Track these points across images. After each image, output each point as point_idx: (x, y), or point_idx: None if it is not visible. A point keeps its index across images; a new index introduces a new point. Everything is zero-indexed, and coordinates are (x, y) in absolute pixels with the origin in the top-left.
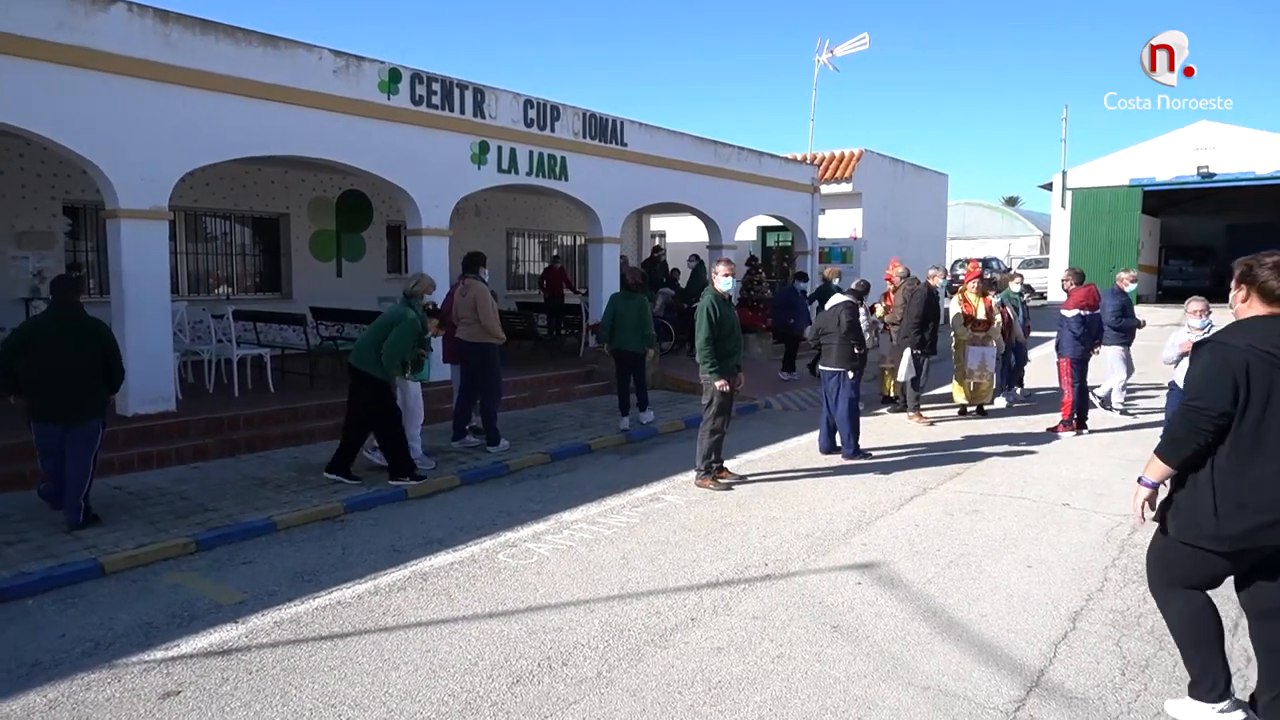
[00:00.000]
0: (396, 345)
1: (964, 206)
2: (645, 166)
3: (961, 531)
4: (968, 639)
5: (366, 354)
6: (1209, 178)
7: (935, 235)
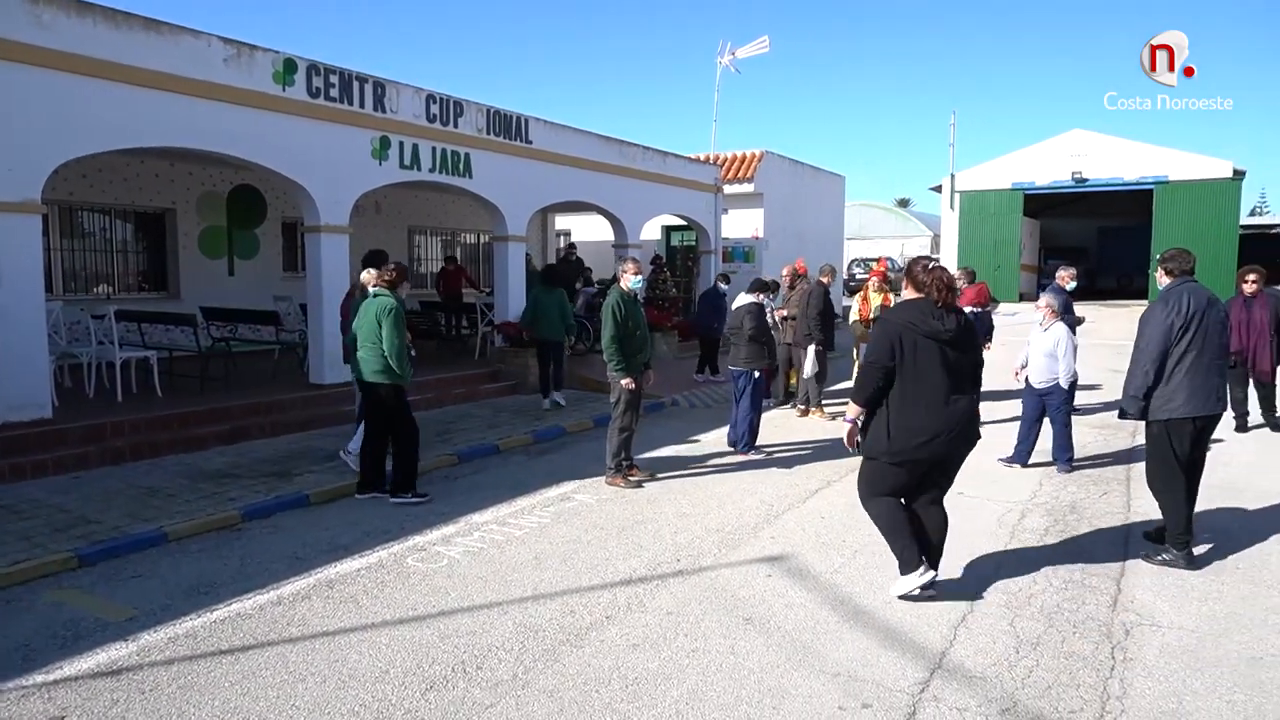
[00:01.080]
0: (394, 340)
1: (860, 207)
2: (551, 164)
3: (865, 522)
4: (874, 625)
5: (373, 363)
6: (1082, 183)
7: (833, 235)
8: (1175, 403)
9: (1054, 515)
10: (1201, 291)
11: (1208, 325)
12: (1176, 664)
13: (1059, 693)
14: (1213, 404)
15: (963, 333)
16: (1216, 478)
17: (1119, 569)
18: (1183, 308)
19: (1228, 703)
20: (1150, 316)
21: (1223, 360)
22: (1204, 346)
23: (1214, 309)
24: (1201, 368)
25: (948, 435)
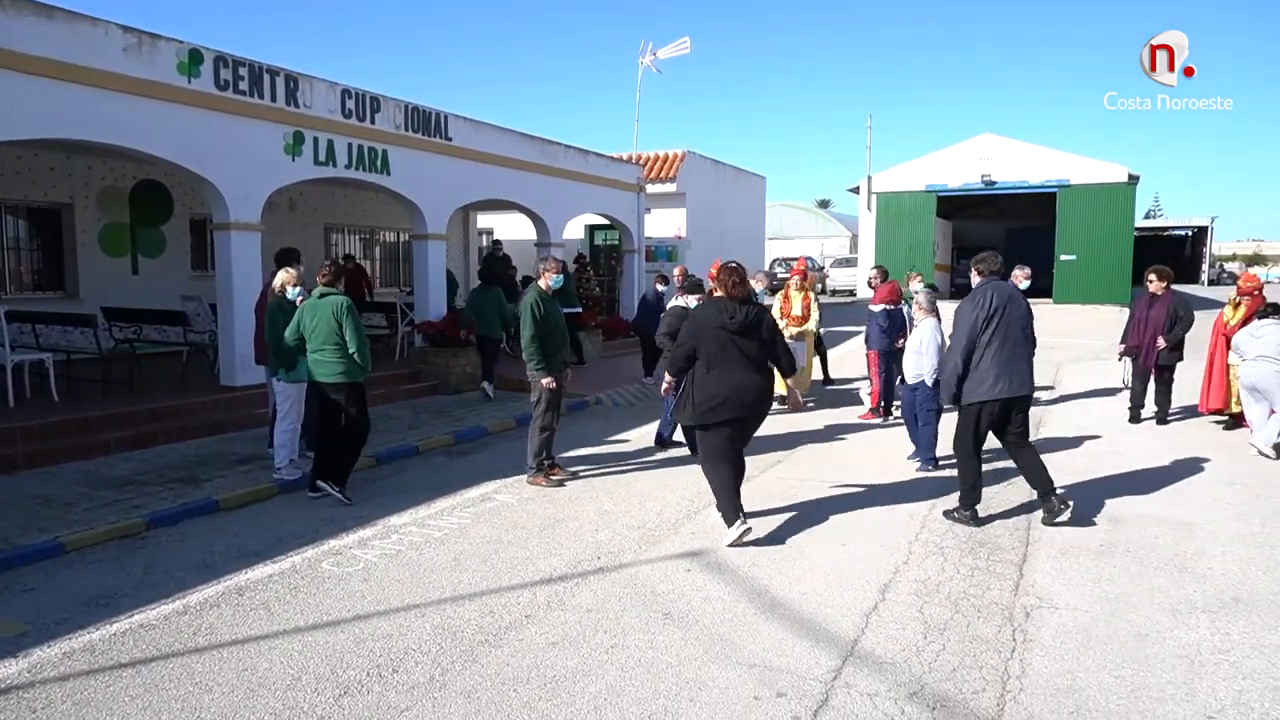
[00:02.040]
0: (360, 336)
1: (781, 208)
2: (471, 162)
3: (782, 515)
4: (790, 616)
5: (335, 365)
6: (991, 185)
7: (755, 235)
8: (984, 386)
9: None
10: (1005, 288)
11: (1010, 318)
12: (1071, 643)
13: (964, 674)
14: (1017, 386)
15: (748, 323)
16: (1109, 465)
17: (1021, 555)
18: (988, 303)
19: (1116, 677)
20: (960, 312)
21: (1026, 348)
22: (1007, 336)
23: (1014, 304)
24: (1005, 355)
25: (735, 402)
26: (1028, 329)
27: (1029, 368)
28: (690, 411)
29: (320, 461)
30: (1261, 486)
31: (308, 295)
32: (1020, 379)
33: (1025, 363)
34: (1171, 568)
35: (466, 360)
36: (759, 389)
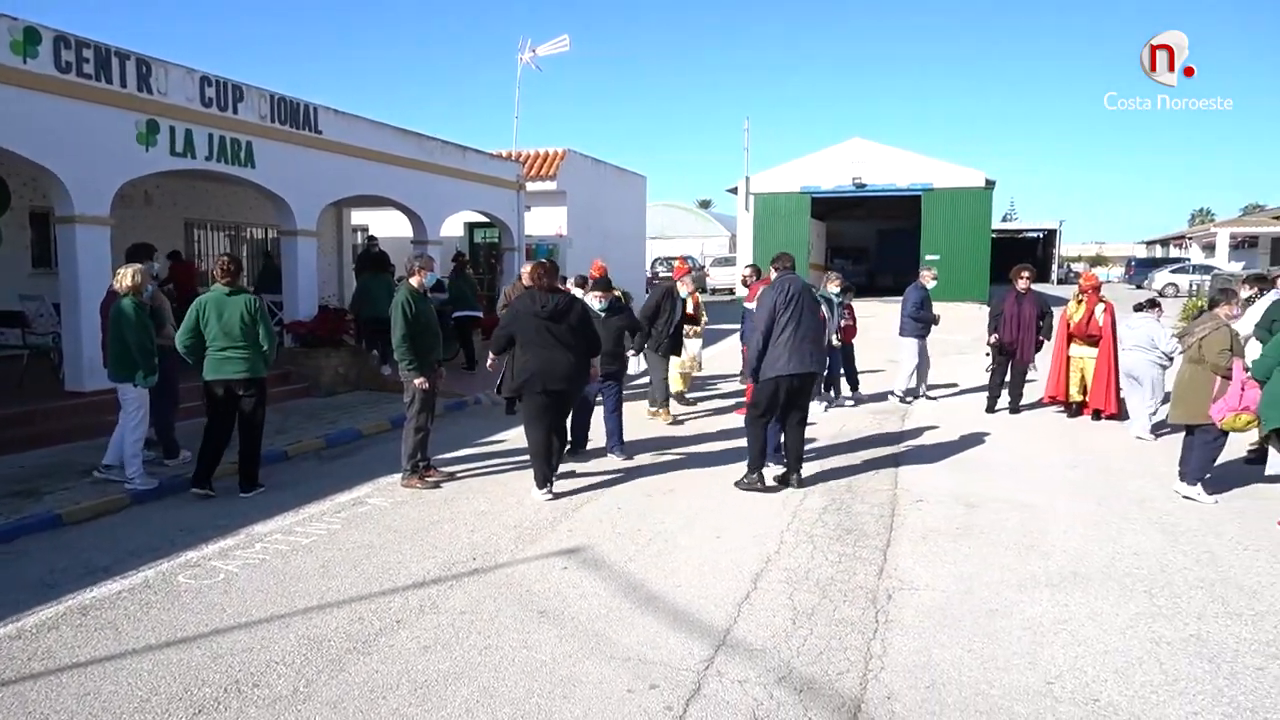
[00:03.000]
0: (271, 331)
1: (662, 207)
2: (343, 157)
3: (659, 510)
4: (665, 609)
5: (251, 361)
6: (862, 188)
7: (636, 234)
8: (780, 363)
9: (832, 495)
10: (798, 281)
11: (803, 306)
12: (929, 621)
13: (829, 657)
14: (807, 364)
15: (557, 310)
16: (968, 452)
17: (885, 540)
18: (785, 291)
19: (968, 651)
20: (762, 299)
21: (816, 332)
22: (800, 320)
23: (807, 294)
24: (798, 338)
25: (546, 376)
26: (818, 316)
27: (820, 350)
28: (509, 384)
29: (209, 462)
30: (1099, 470)
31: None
32: (811, 358)
33: (814, 344)
34: (1019, 547)
35: (339, 361)
36: (568, 366)
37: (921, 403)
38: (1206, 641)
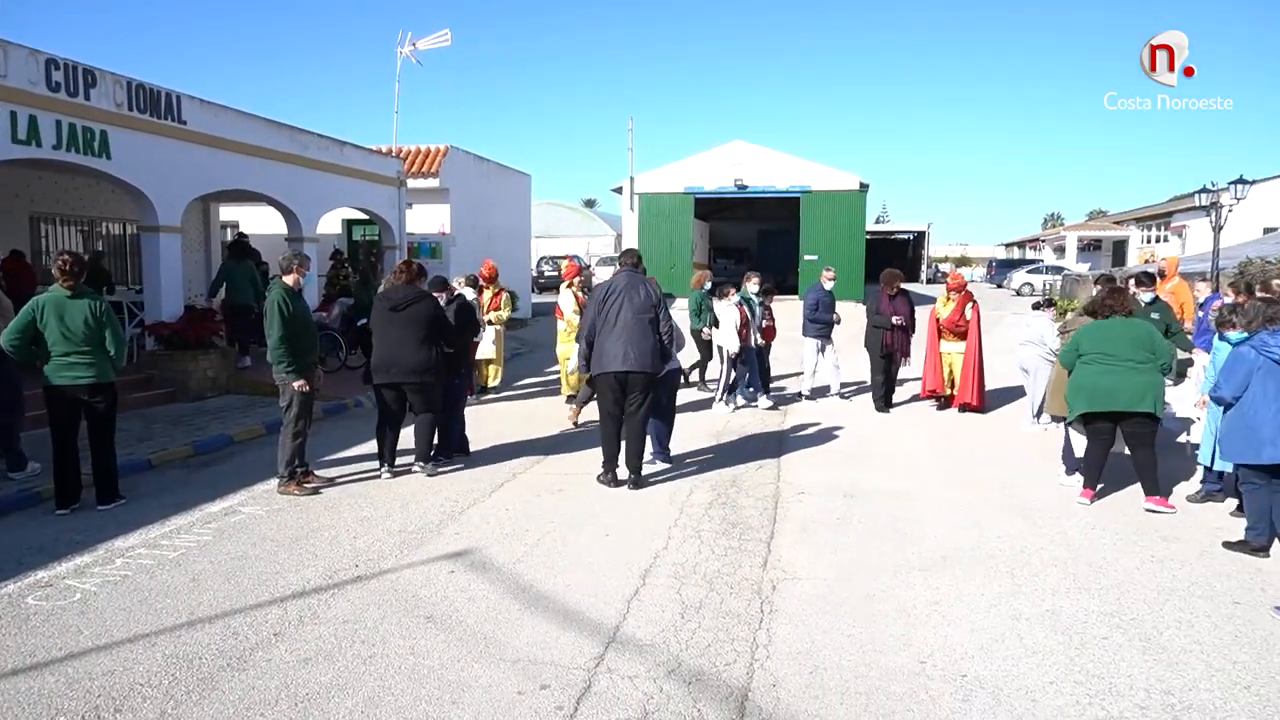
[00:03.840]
0: (119, 334)
1: (547, 206)
2: (210, 149)
3: (548, 510)
4: (554, 609)
5: (100, 366)
6: (744, 189)
7: (520, 232)
8: (603, 360)
9: (718, 490)
10: (630, 278)
11: (623, 304)
12: (811, 609)
13: (717, 649)
14: (629, 362)
15: (405, 303)
16: (848, 446)
17: (769, 533)
18: (609, 287)
19: (848, 636)
20: (591, 296)
21: (637, 330)
22: (619, 319)
23: (635, 291)
24: (614, 336)
25: (391, 368)
26: (648, 315)
27: (648, 348)
28: (370, 378)
29: (66, 480)
30: (966, 460)
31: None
32: (630, 357)
33: (628, 344)
34: (895, 534)
35: (209, 364)
36: (413, 358)
37: (806, 401)
38: (1060, 615)
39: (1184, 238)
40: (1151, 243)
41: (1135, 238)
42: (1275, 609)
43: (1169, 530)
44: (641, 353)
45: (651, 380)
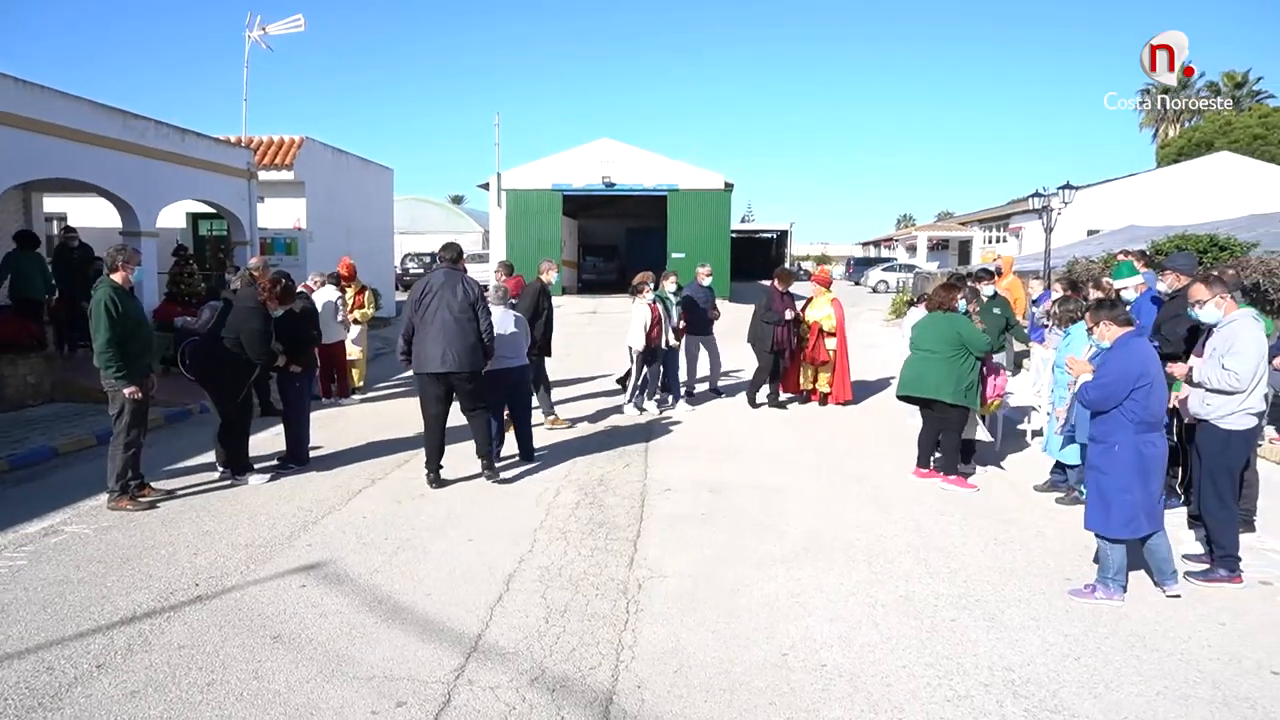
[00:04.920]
0: None
1: (412, 202)
2: (25, 132)
3: (409, 516)
4: (413, 621)
5: None
6: (611, 187)
7: (383, 228)
8: (420, 359)
9: (585, 490)
10: (446, 275)
11: (446, 302)
12: (676, 607)
13: (582, 652)
14: (437, 363)
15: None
16: (715, 441)
17: (636, 531)
18: (425, 286)
19: (712, 632)
20: (411, 293)
21: (453, 329)
22: (433, 319)
23: (452, 290)
24: (429, 335)
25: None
26: (466, 313)
27: (467, 346)
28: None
29: None
30: (829, 452)
31: None
32: (447, 357)
33: (443, 344)
34: (759, 527)
35: (29, 369)
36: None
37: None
38: (913, 600)
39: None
40: (992, 243)
41: (978, 238)
42: (1071, 593)
43: (1010, 514)
44: (461, 352)
45: (477, 378)
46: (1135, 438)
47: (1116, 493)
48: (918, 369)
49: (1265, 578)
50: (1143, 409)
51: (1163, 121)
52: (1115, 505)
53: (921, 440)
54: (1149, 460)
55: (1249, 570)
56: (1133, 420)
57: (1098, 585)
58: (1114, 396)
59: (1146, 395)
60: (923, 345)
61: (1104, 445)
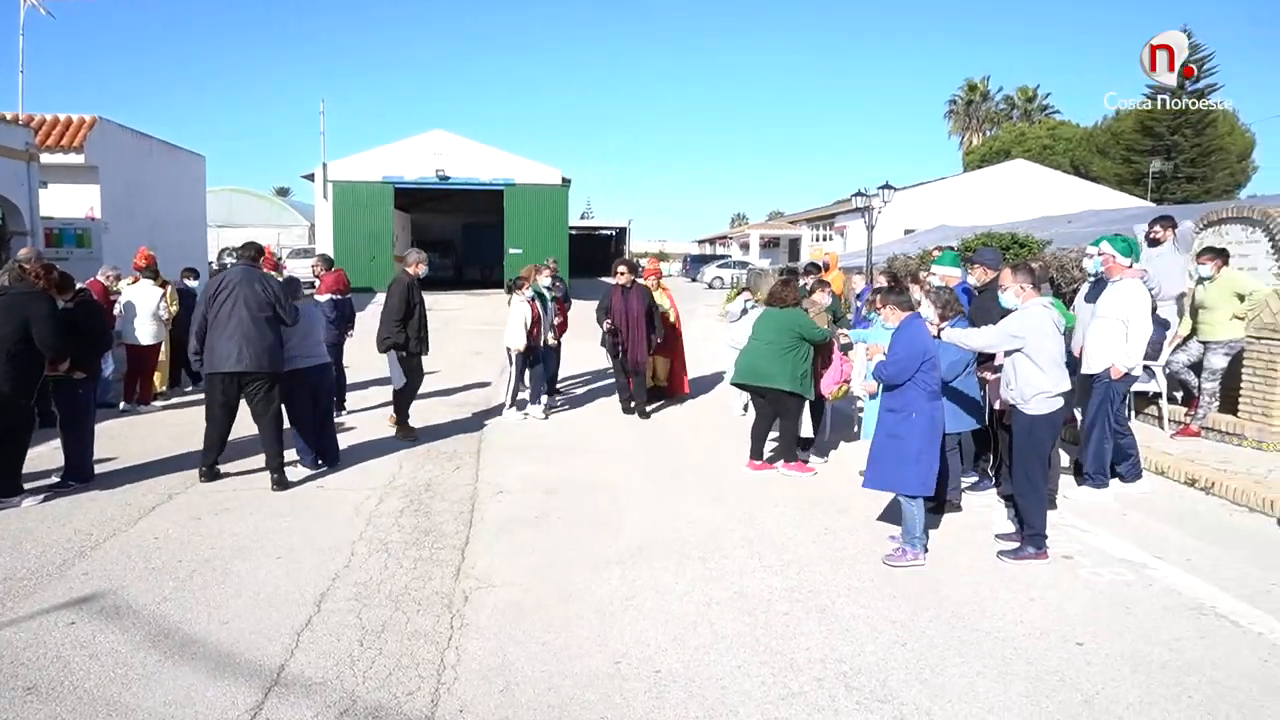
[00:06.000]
0: None
1: (231, 193)
2: None
3: (209, 534)
4: (205, 655)
5: None
6: (445, 180)
7: (194, 220)
8: (214, 359)
9: (410, 496)
10: (243, 272)
11: (233, 300)
12: (504, 619)
13: (399, 676)
14: (231, 362)
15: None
16: (550, 439)
17: (464, 538)
18: (220, 283)
19: (542, 644)
20: (205, 289)
21: (248, 329)
22: (229, 317)
23: (244, 287)
24: (226, 334)
25: None
26: (265, 312)
27: (264, 346)
28: None
29: None
30: (670, 447)
31: None
32: (241, 356)
33: (260, 341)
34: (594, 526)
35: None
36: None
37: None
38: (748, 596)
39: (845, 236)
40: (820, 241)
41: (807, 236)
42: (885, 559)
43: (841, 502)
44: (258, 351)
45: (274, 379)
46: (928, 405)
47: (915, 455)
48: (753, 359)
49: (1067, 552)
50: (932, 380)
51: (968, 130)
52: (914, 466)
53: (755, 432)
54: (938, 425)
55: (1053, 546)
56: (925, 391)
57: (906, 548)
58: (906, 371)
59: (931, 368)
60: (761, 337)
61: (902, 414)
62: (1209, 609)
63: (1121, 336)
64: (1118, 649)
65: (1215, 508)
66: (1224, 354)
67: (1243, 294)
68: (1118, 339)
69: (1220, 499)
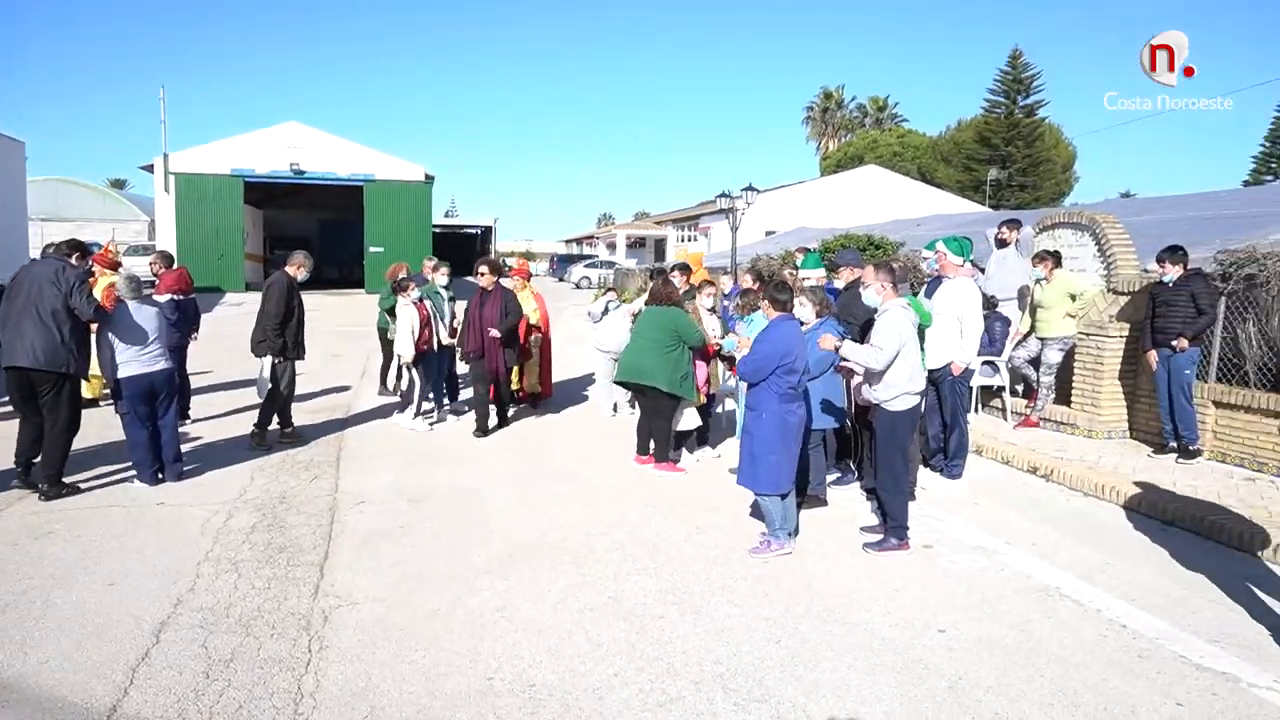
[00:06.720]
0: None
1: (58, 184)
2: None
3: (29, 561)
4: (18, 701)
5: None
6: (301, 174)
7: (13, 212)
8: (7, 353)
9: (263, 510)
10: (45, 264)
11: (30, 294)
12: (367, 638)
13: (251, 709)
14: (27, 358)
15: None
16: (414, 446)
17: (323, 554)
18: (22, 273)
19: (409, 664)
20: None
21: (36, 324)
22: (25, 310)
23: (39, 281)
24: (19, 327)
25: None
26: (56, 305)
27: (47, 343)
28: None
29: None
30: (539, 451)
31: None
32: (33, 353)
33: (45, 338)
34: (462, 536)
35: None
36: None
37: (370, 398)
38: (623, 601)
39: (709, 237)
40: (684, 241)
41: (672, 236)
42: (751, 551)
43: (711, 501)
44: (46, 348)
45: (63, 379)
46: (779, 407)
47: (763, 454)
48: (636, 356)
49: (927, 541)
50: (786, 383)
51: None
52: (762, 464)
53: (640, 428)
54: (790, 427)
55: (914, 536)
56: (777, 393)
57: (770, 539)
58: (762, 370)
59: (788, 372)
60: (644, 334)
61: (755, 413)
62: (1054, 590)
63: (957, 333)
64: (975, 633)
65: (1055, 494)
66: (1059, 349)
67: (1075, 294)
68: (954, 335)
69: (1059, 485)
